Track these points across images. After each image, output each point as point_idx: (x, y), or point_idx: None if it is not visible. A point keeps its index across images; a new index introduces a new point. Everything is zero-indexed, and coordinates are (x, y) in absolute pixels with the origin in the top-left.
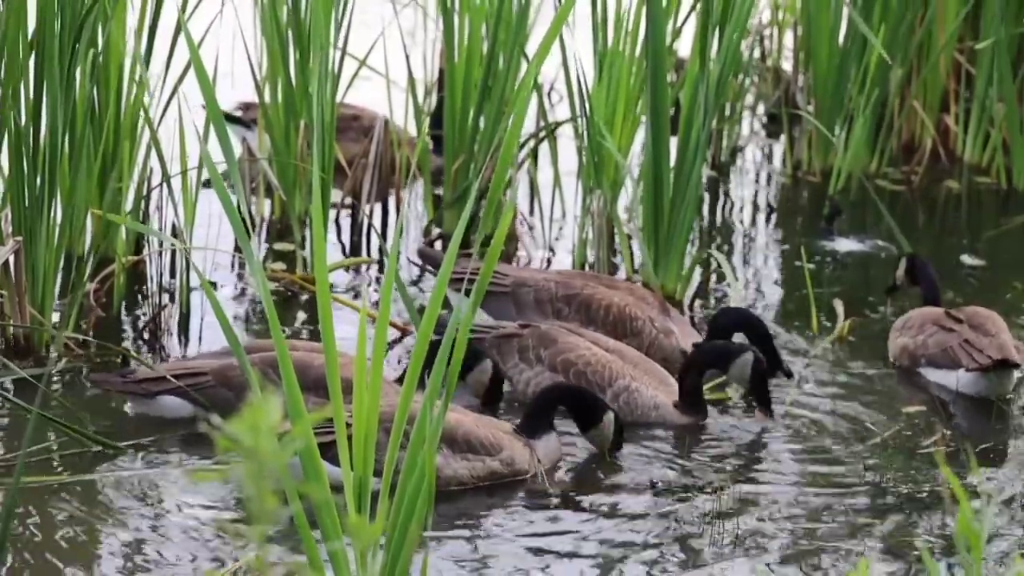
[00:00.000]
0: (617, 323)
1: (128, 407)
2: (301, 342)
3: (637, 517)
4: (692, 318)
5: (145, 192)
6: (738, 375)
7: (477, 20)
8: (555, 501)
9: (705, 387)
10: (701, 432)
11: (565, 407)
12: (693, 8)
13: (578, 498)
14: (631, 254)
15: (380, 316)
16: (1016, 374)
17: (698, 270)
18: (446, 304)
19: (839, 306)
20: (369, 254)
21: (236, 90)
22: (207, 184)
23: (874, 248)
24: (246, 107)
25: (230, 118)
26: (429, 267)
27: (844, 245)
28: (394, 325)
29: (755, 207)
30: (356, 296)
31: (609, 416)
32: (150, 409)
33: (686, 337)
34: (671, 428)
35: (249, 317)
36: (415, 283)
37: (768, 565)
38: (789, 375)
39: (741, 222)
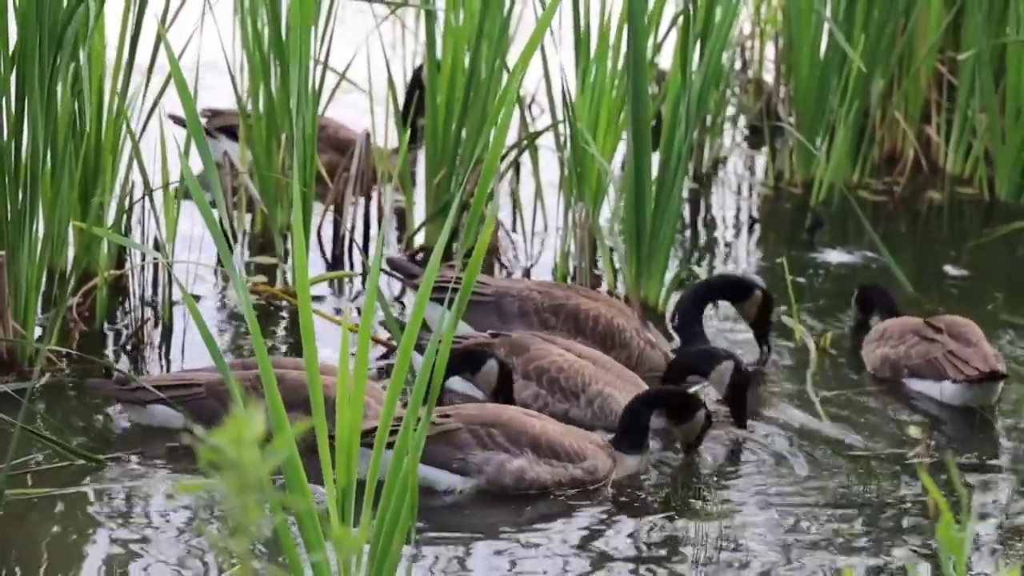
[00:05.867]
0: (606, 335)
1: (119, 414)
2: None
3: (621, 527)
4: (674, 328)
5: (127, 206)
6: (717, 380)
7: (460, 32)
8: (540, 511)
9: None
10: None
11: (661, 408)
12: (674, 21)
13: (564, 507)
14: (613, 266)
15: (362, 329)
16: (1000, 384)
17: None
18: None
19: (808, 338)
20: (352, 267)
21: (218, 103)
22: (187, 196)
23: (863, 259)
24: (212, 114)
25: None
26: (398, 275)
27: (833, 256)
28: (377, 340)
29: (737, 218)
30: (338, 311)
31: (701, 412)
32: (142, 418)
33: (663, 348)
34: None
35: (232, 331)
36: (398, 298)
37: None
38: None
39: (724, 234)
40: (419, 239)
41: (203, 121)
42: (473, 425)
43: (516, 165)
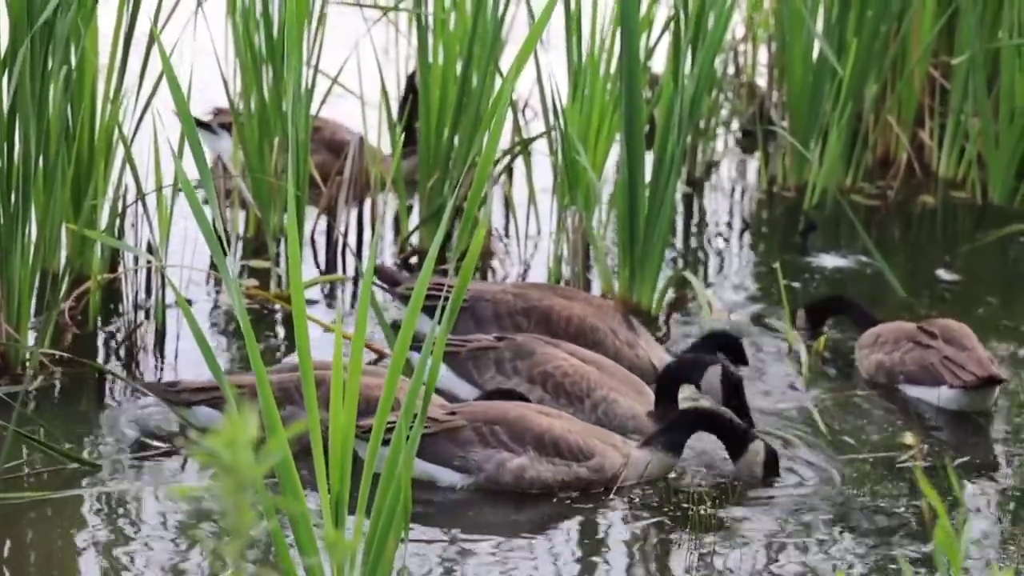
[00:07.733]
0: (578, 335)
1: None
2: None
3: (611, 534)
4: (668, 333)
5: (120, 209)
6: (709, 386)
7: (452, 37)
8: (538, 511)
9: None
10: None
11: (710, 433)
12: (667, 26)
13: (562, 507)
14: (606, 271)
15: (355, 335)
16: (996, 389)
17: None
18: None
19: (803, 352)
20: (345, 271)
21: (211, 105)
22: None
23: (856, 263)
24: (217, 112)
25: (198, 123)
26: (382, 285)
27: (827, 260)
28: (370, 347)
29: (730, 223)
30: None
31: (756, 445)
32: (188, 419)
33: (652, 349)
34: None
35: (225, 335)
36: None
37: None
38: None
39: (716, 238)
40: (413, 242)
41: (208, 117)
42: (477, 423)
43: (509, 169)
